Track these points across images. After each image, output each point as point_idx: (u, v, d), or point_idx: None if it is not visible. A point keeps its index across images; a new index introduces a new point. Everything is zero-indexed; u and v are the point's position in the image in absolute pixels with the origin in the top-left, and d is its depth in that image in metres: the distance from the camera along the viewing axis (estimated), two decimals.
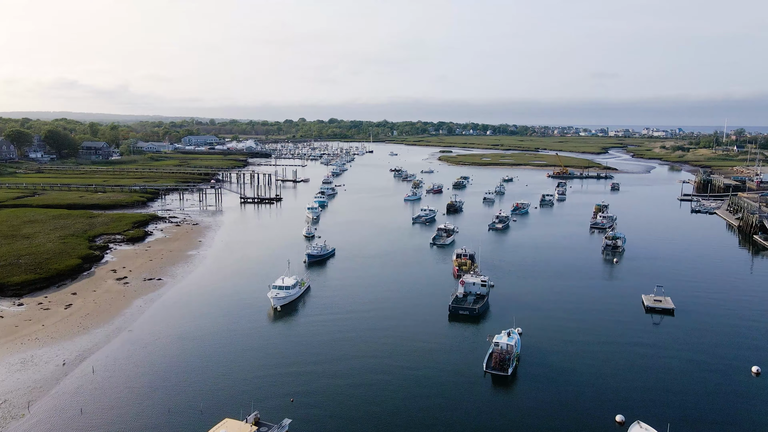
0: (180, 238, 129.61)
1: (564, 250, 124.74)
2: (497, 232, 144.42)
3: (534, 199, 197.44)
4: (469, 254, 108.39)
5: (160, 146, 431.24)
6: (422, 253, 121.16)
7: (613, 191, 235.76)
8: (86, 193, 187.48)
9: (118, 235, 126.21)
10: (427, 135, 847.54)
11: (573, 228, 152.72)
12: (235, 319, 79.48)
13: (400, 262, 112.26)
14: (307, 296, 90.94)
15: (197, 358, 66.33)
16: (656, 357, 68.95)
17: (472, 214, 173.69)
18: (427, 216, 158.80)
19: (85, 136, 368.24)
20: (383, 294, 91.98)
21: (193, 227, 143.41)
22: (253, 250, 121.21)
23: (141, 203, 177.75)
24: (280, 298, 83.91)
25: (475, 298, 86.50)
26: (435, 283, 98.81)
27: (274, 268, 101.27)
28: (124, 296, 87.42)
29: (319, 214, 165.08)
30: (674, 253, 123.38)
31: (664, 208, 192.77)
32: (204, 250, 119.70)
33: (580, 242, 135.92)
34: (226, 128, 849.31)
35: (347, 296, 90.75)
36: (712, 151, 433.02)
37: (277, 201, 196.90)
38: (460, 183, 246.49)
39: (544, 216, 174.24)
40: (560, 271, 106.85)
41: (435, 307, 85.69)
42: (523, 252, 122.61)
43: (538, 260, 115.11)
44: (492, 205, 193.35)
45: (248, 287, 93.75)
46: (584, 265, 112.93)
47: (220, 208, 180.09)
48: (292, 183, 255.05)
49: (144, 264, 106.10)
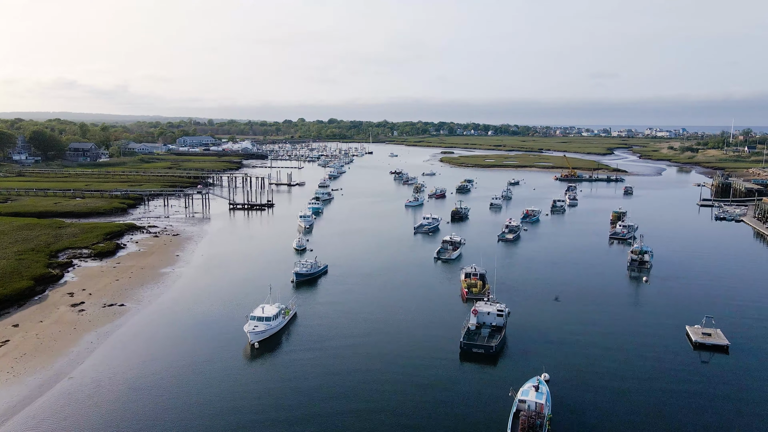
0: (155, 252, 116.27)
1: (584, 267, 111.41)
2: (508, 244, 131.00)
3: (544, 205, 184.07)
4: (480, 273, 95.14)
5: (153, 147, 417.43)
6: (426, 270, 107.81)
7: (626, 195, 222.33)
8: (63, 199, 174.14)
9: (86, 249, 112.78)
10: (428, 135, 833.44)
11: (590, 239, 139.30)
12: (202, 359, 66.14)
13: (400, 282, 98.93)
14: (292, 326, 77.71)
15: (151, 414, 53.06)
16: (715, 410, 55.65)
17: (478, 222, 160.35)
18: (430, 225, 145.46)
19: (73, 137, 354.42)
20: (381, 323, 78.68)
21: (172, 239, 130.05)
22: (235, 266, 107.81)
23: (120, 210, 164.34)
24: (258, 333, 70.54)
25: (491, 331, 73.20)
26: (441, 308, 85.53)
27: (257, 291, 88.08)
28: (74, 329, 74.04)
29: (313, 223, 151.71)
30: (709, 269, 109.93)
31: (685, 215, 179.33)
32: (180, 266, 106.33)
33: (601, 256, 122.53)
34: (224, 128, 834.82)
35: (339, 326, 77.48)
36: (723, 152, 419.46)
37: (268, 207, 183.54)
38: (464, 187, 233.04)
39: (556, 224, 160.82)
40: (583, 293, 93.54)
41: (443, 341, 72.41)
42: (539, 269, 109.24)
43: (556, 279, 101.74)
44: (499, 212, 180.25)
45: (224, 316, 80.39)
46: (610, 285, 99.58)
47: (208, 216, 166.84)
48: (286, 187, 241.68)
49: (108, 285, 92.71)
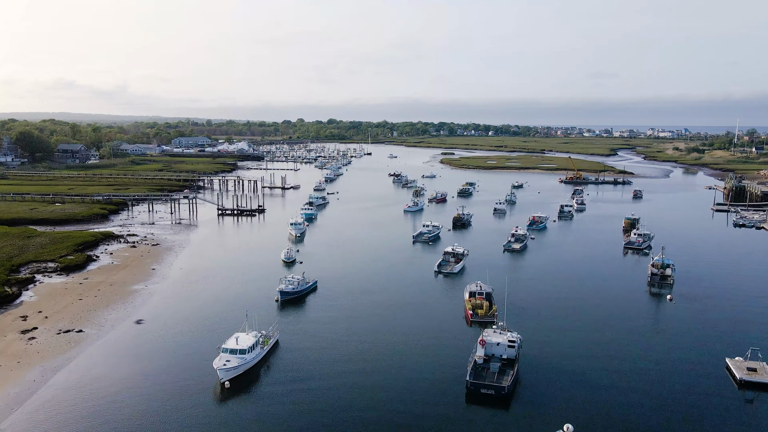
0: (130, 265, 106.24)
1: (600, 281, 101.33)
2: (514, 255, 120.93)
3: (550, 210, 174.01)
4: (486, 292, 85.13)
5: (147, 148, 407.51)
6: (425, 286, 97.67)
7: (636, 200, 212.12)
8: (40, 205, 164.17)
9: (52, 263, 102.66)
10: (428, 136, 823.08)
11: (603, 248, 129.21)
12: (163, 402, 56.12)
13: (397, 301, 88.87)
14: (273, 356, 67.77)
15: None
16: None
17: (482, 230, 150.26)
18: (430, 233, 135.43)
19: (63, 138, 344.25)
20: (375, 353, 68.68)
21: (151, 249, 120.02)
22: (215, 282, 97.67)
23: (101, 217, 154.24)
24: (229, 370, 60.47)
25: (501, 366, 63.18)
26: (443, 333, 75.54)
27: (236, 312, 78.15)
28: (18, 362, 64.02)
29: (305, 231, 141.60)
30: (739, 286, 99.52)
31: (700, 221, 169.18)
32: (154, 282, 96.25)
33: (617, 269, 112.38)
34: (222, 129, 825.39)
35: (327, 357, 67.49)
36: (730, 153, 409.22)
37: (259, 213, 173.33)
38: (466, 190, 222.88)
39: (565, 232, 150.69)
40: (603, 315, 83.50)
41: (446, 377, 62.46)
42: (550, 285, 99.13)
43: (570, 297, 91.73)
44: (503, 217, 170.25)
45: (194, 346, 70.33)
46: (630, 304, 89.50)
47: (195, 222, 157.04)
48: (280, 190, 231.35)
49: (69, 306, 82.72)
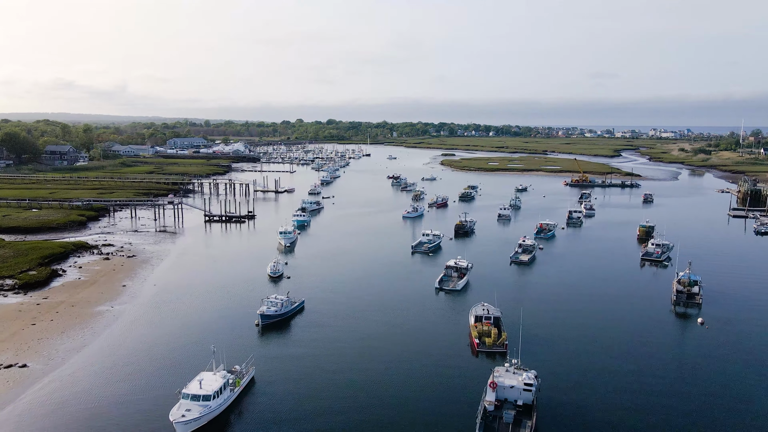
0: (99, 281, 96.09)
1: (619, 301, 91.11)
2: (522, 269, 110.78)
3: (557, 216, 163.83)
4: (493, 317, 75.04)
5: (140, 149, 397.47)
6: (426, 307, 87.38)
7: (647, 204, 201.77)
8: (15, 211, 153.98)
9: (10, 279, 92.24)
10: (428, 136, 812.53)
11: (618, 260, 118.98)
12: None
13: (394, 324, 78.71)
14: (246, 397, 57.66)
15: None
16: None
17: (486, 238, 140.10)
18: (430, 243, 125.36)
19: (51, 139, 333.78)
20: (367, 392, 58.56)
21: (125, 261, 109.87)
22: (190, 302, 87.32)
23: (78, 225, 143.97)
24: (189, 422, 50.19)
25: (516, 413, 53.09)
26: (446, 365, 65.35)
27: (207, 343, 67.80)
28: None
29: (295, 240, 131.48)
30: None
31: (718, 229, 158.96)
32: (122, 303, 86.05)
33: (636, 284, 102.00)
34: (220, 129, 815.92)
35: (311, 394, 57.39)
36: (738, 154, 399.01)
37: (249, 219, 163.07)
38: (468, 194, 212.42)
39: (575, 240, 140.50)
40: (627, 342, 73.29)
41: (452, 421, 52.38)
42: (564, 304, 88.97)
43: (588, 321, 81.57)
44: (508, 224, 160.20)
45: (151, 390, 60.04)
46: (657, 328, 79.31)
47: (180, 229, 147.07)
48: (273, 194, 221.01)
49: (18, 333, 72.59)
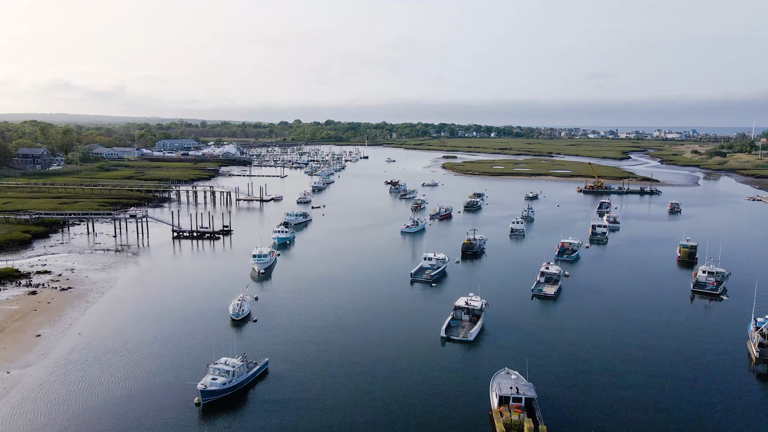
0: (7, 328, 74.76)
1: (678, 354, 69.79)
2: (547, 306, 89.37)
3: (576, 231, 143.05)
4: (525, 397, 53.80)
5: (124, 152, 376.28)
6: (428, 369, 65.60)
7: (674, 215, 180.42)
8: None
9: None
10: (428, 137, 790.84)
11: (662, 291, 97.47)
12: None
13: (387, 401, 57.41)
14: None
15: None
16: None
17: (499, 260, 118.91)
18: (433, 269, 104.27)
19: (26, 141, 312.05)
20: None
21: (56, 296, 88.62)
22: (113, 368, 65.48)
23: (19, 244, 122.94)
24: None
25: None
26: None
27: None
28: None
29: (272, 264, 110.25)
30: None
31: (762, 247, 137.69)
32: (24, 365, 64.64)
33: (694, 331, 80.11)
34: (215, 130, 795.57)
35: None
36: (757, 157, 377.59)
37: (224, 235, 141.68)
38: (474, 203, 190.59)
39: (603, 263, 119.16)
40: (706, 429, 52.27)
41: None
42: (608, 362, 67.52)
43: (646, 394, 60.32)
44: (522, 241, 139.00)
45: None
46: (739, 402, 58.13)
47: (144, 247, 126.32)
48: (258, 203, 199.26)
49: None
